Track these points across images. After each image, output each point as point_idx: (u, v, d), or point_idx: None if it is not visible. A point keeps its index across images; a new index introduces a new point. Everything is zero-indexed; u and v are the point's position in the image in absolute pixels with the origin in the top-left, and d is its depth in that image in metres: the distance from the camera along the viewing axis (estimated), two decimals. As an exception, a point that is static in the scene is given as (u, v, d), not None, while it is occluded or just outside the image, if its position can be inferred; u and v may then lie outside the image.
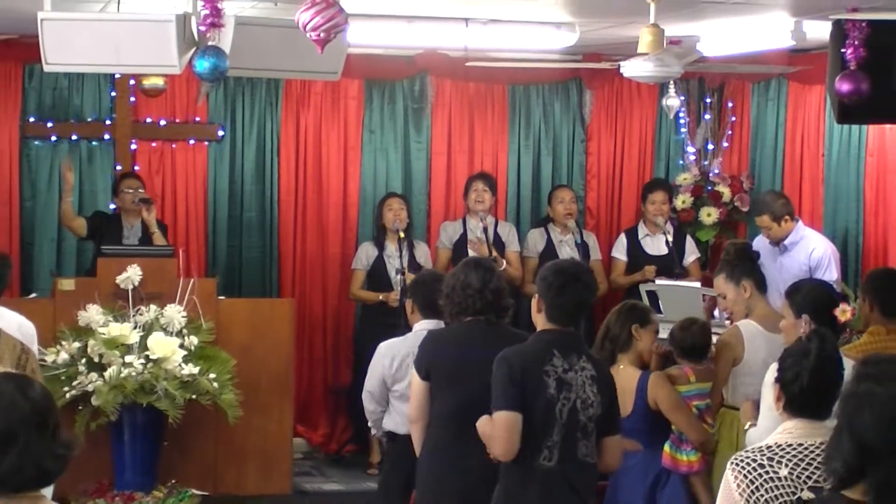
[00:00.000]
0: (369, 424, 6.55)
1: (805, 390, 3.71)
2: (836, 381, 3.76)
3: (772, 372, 5.22)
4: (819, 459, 3.58)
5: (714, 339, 6.79)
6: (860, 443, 3.01)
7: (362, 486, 8.83)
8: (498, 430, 4.88)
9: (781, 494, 3.53)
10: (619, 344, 6.03)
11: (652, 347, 6.25)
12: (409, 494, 5.99)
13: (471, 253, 8.91)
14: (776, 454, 3.61)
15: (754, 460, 3.60)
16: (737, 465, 3.61)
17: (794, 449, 3.62)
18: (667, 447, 6.01)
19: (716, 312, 7.77)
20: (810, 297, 5.55)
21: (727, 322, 7.23)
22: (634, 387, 5.95)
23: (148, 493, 7.86)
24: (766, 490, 3.53)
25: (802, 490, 3.53)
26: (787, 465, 3.57)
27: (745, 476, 3.57)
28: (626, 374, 5.97)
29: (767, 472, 3.55)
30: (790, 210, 8.85)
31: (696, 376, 6.21)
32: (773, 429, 5.08)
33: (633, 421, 5.91)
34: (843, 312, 5.32)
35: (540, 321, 5.03)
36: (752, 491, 3.54)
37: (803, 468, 3.57)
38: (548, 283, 4.98)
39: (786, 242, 8.66)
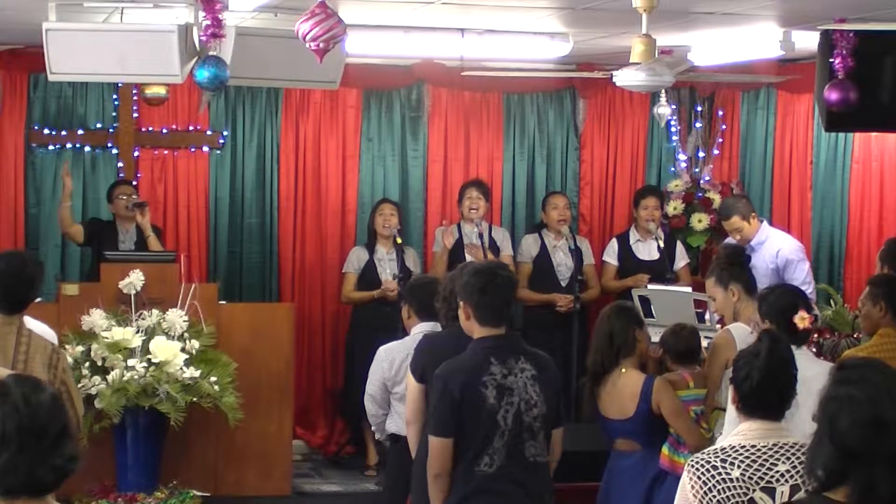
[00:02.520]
0: (372, 428, 6.60)
1: (755, 389, 3.78)
2: (788, 381, 3.83)
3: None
4: (771, 461, 3.66)
5: (704, 342, 6.91)
6: (840, 446, 3.00)
7: (360, 487, 8.86)
8: (431, 451, 5.01)
9: (734, 495, 3.60)
10: (625, 349, 6.00)
11: (650, 351, 6.32)
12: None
13: (468, 257, 8.95)
14: (729, 455, 3.67)
15: (708, 462, 3.66)
16: (691, 466, 3.68)
17: (747, 450, 3.68)
18: (665, 449, 6.01)
19: (707, 315, 7.87)
20: (777, 304, 5.47)
21: (718, 326, 7.32)
22: (639, 390, 5.94)
23: (150, 494, 7.87)
24: (717, 491, 3.60)
25: (755, 491, 3.59)
26: (739, 467, 3.64)
27: (699, 478, 3.63)
28: (629, 378, 5.98)
29: (720, 474, 3.62)
30: (752, 208, 8.90)
31: (693, 382, 6.25)
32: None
33: (633, 423, 5.94)
34: (802, 319, 5.28)
35: (474, 328, 5.07)
36: (705, 492, 3.60)
37: (755, 469, 3.63)
38: (470, 287, 5.03)
39: (752, 243, 8.67)
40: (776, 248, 8.66)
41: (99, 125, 9.48)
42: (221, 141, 9.71)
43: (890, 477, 2.96)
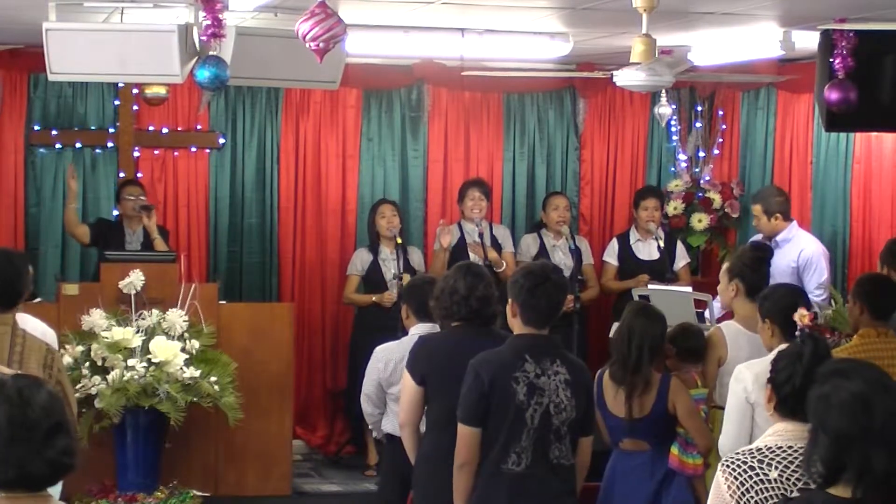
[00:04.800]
0: (369, 426, 6.62)
1: (798, 392, 3.73)
2: None
3: (735, 378, 5.34)
4: None
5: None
6: (834, 435, 3.05)
7: (360, 487, 8.87)
8: (459, 440, 5.04)
9: (771, 496, 3.55)
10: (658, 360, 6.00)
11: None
12: (407, 494, 5.99)
13: (471, 256, 9.01)
14: (766, 456, 3.63)
15: (745, 462, 3.62)
16: (727, 466, 3.63)
17: (784, 451, 3.64)
18: (675, 449, 5.96)
19: (707, 315, 7.86)
20: (779, 304, 5.47)
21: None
22: (655, 389, 5.90)
23: (150, 494, 7.88)
24: (756, 492, 3.56)
25: (792, 492, 3.54)
26: (776, 468, 3.59)
27: (736, 478, 3.59)
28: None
29: (758, 475, 3.58)
30: (784, 210, 8.90)
31: (701, 381, 6.22)
32: (736, 432, 5.20)
33: (647, 422, 5.90)
34: (802, 317, 5.29)
35: (516, 325, 5.09)
36: (742, 493, 3.56)
37: (793, 470, 3.59)
38: (519, 286, 5.03)
39: (777, 239, 8.72)
40: (799, 249, 8.71)
41: (99, 125, 9.49)
42: (222, 141, 9.72)
43: (885, 457, 2.99)
